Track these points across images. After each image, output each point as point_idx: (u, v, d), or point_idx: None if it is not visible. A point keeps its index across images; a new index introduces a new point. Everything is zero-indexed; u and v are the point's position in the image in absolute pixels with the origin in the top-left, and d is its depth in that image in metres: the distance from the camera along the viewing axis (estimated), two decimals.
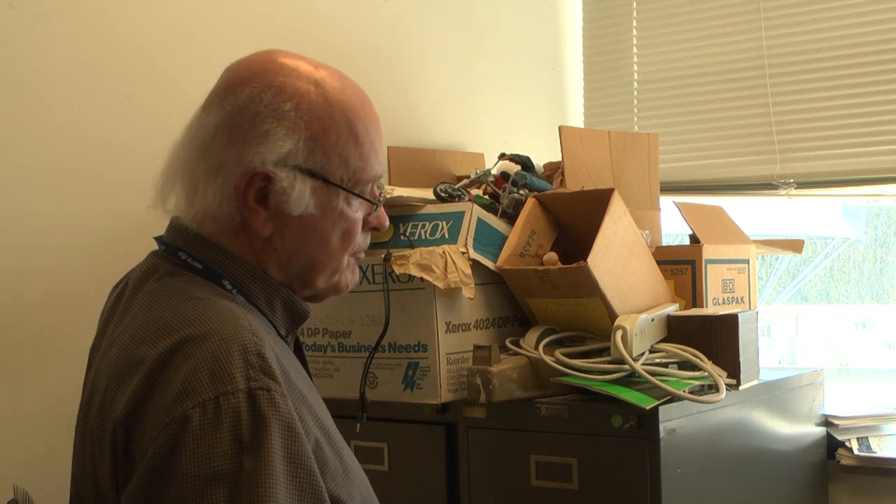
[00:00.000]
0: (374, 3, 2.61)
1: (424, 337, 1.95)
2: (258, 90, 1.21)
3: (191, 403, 1.04)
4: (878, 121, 2.68)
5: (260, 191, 1.20)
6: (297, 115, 1.21)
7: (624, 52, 3.11)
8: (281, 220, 1.22)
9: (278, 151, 1.19)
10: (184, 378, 1.06)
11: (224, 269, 1.22)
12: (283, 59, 1.26)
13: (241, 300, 1.22)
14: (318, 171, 1.22)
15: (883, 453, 2.34)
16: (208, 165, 1.20)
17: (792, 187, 2.79)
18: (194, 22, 2.15)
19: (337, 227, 1.25)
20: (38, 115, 1.90)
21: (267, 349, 1.10)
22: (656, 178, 2.48)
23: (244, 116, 1.20)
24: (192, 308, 1.14)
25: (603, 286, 1.89)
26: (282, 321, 1.27)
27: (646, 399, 1.73)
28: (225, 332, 1.09)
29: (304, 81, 1.23)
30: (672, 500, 1.75)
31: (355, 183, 1.25)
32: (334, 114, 1.24)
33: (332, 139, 1.23)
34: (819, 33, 2.76)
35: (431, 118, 2.75)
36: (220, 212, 1.20)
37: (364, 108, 1.28)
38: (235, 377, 1.05)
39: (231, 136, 1.20)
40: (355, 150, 1.25)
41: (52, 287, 1.90)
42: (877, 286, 4.32)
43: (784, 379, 2.23)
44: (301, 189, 1.20)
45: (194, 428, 1.03)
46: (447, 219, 2.04)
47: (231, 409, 1.04)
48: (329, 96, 1.24)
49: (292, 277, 1.27)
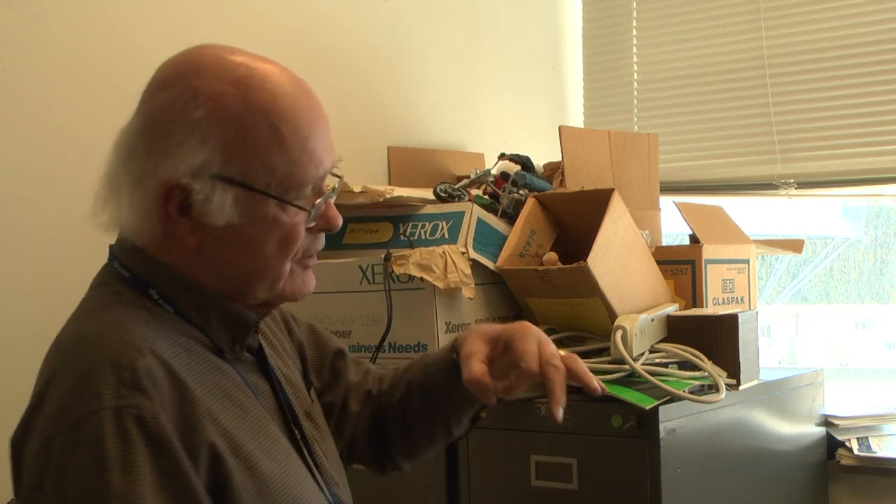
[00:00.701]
0: (374, 3, 2.61)
1: (424, 337, 1.94)
2: (172, 96, 1.14)
3: (59, 427, 1.03)
4: (878, 121, 2.67)
5: (182, 202, 1.13)
6: (209, 122, 1.12)
7: (624, 52, 3.11)
8: (206, 230, 1.14)
9: (191, 162, 1.12)
10: (57, 400, 1.05)
11: (151, 279, 1.17)
12: (206, 57, 1.17)
13: (169, 310, 1.16)
14: (239, 179, 1.13)
15: (883, 453, 2.34)
16: (131, 175, 1.15)
17: (792, 187, 2.79)
18: (194, 22, 2.15)
19: (271, 235, 1.16)
20: (38, 115, 1.90)
21: (145, 362, 1.05)
22: (656, 178, 2.48)
23: (158, 125, 1.14)
24: (85, 325, 1.12)
25: (603, 286, 1.89)
26: (220, 332, 1.19)
27: (646, 399, 1.73)
28: (103, 348, 1.06)
29: (222, 82, 1.14)
30: (672, 500, 1.75)
31: (286, 189, 1.15)
32: (254, 117, 1.13)
33: (251, 145, 1.13)
34: (819, 33, 2.76)
35: (431, 118, 2.75)
36: (144, 223, 1.15)
37: (295, 107, 1.16)
38: (103, 395, 1.02)
39: (149, 145, 1.14)
40: (281, 155, 1.14)
41: (53, 287, 1.90)
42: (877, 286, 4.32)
43: (784, 379, 2.23)
44: (221, 199, 1.13)
45: (59, 451, 1.01)
46: (447, 219, 2.04)
47: (95, 429, 1.01)
48: (248, 97, 1.14)
49: (230, 287, 1.19)
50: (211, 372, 1.15)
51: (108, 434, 1.01)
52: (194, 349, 1.15)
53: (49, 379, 1.09)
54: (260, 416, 1.18)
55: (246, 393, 1.19)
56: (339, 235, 2.16)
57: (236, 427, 1.12)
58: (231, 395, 1.15)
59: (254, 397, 1.20)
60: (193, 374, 1.11)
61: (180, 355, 1.12)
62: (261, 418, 1.18)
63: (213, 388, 1.13)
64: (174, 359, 1.10)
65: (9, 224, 1.86)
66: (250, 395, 1.19)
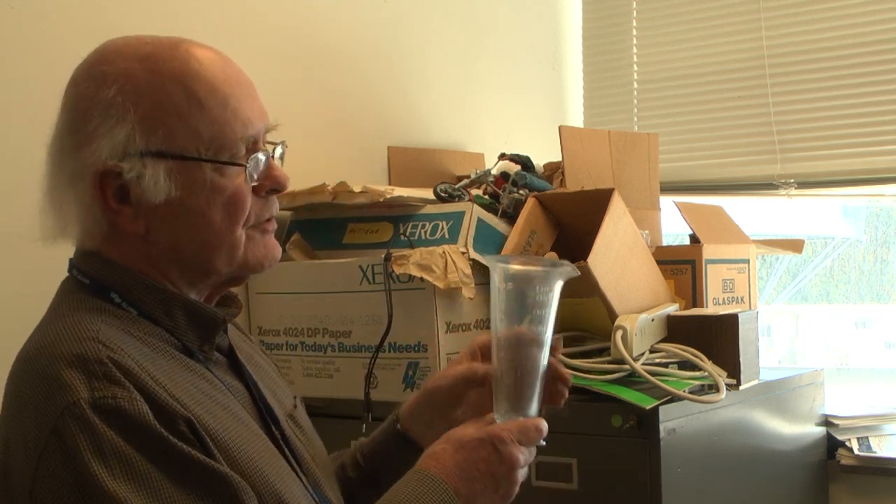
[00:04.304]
0: (374, 3, 2.61)
1: (424, 337, 1.95)
2: (83, 87, 1.14)
3: (43, 441, 1.01)
4: (878, 121, 2.68)
5: (118, 189, 1.12)
6: (123, 98, 1.11)
7: (624, 52, 3.11)
8: (149, 212, 1.12)
9: (113, 143, 1.10)
10: (32, 415, 1.03)
11: (110, 282, 1.14)
12: (111, 44, 1.17)
13: (132, 313, 1.14)
14: (165, 149, 1.11)
15: (883, 453, 2.34)
16: (65, 176, 1.14)
17: (792, 187, 2.79)
18: (194, 22, 2.15)
19: (213, 201, 1.13)
20: (38, 116, 1.90)
21: (111, 354, 1.04)
22: (656, 178, 2.48)
23: (76, 118, 1.13)
24: (43, 334, 1.11)
25: (603, 286, 1.89)
26: (188, 332, 1.17)
27: (646, 399, 1.73)
28: (64, 349, 1.05)
29: (128, 61, 1.13)
30: (672, 500, 1.75)
31: (217, 150, 1.13)
32: (164, 84, 1.12)
33: (169, 111, 1.11)
34: (819, 33, 2.76)
35: (431, 118, 2.75)
36: (88, 220, 1.13)
37: (210, 69, 1.14)
38: (75, 389, 1.01)
39: (73, 141, 1.13)
40: (203, 117, 1.12)
41: (54, 288, 1.90)
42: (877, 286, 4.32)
43: (784, 379, 2.23)
44: (153, 174, 1.10)
45: (51, 456, 1.00)
46: (447, 219, 2.04)
47: (80, 423, 0.99)
48: (157, 67, 1.12)
49: (190, 269, 1.17)
50: (181, 370, 1.13)
51: (91, 427, 0.99)
52: (163, 349, 1.13)
53: (17, 398, 1.07)
54: (237, 410, 1.16)
55: (221, 390, 1.17)
56: (338, 235, 2.16)
57: (212, 419, 1.10)
58: (204, 390, 1.13)
59: (230, 394, 1.18)
60: (163, 370, 1.09)
61: (147, 354, 1.10)
62: (238, 413, 1.16)
63: (185, 384, 1.10)
64: (141, 357, 1.08)
65: (10, 224, 1.86)
66: (226, 392, 1.17)
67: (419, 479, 1.14)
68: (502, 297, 1.20)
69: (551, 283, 1.19)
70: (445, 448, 1.16)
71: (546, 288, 1.19)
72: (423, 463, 1.16)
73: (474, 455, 1.14)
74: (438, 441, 1.18)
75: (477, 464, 1.14)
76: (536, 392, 1.20)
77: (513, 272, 1.19)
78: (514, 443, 1.15)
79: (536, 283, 1.18)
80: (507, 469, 1.15)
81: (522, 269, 1.20)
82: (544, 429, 1.18)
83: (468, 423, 1.19)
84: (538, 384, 1.20)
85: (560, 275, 1.20)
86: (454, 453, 1.15)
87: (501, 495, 1.16)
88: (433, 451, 1.17)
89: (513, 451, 1.15)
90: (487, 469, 1.14)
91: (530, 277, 1.19)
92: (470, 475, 1.14)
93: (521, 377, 1.19)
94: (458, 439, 1.16)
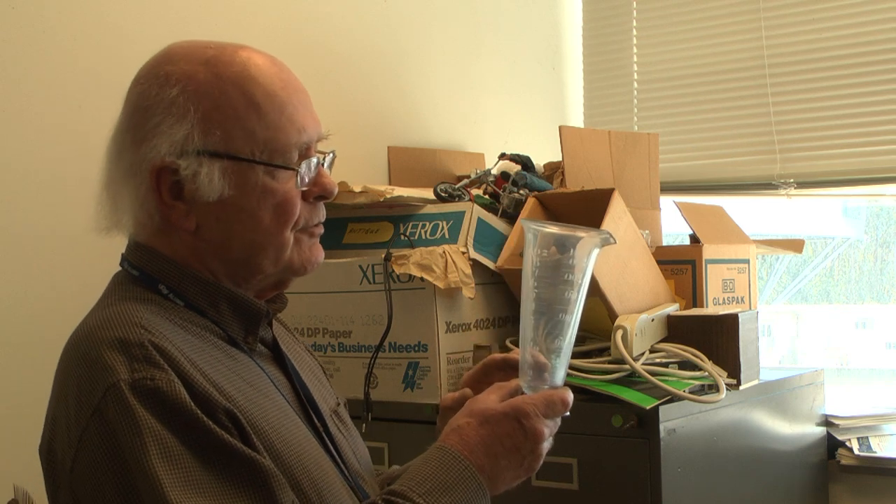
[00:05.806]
0: (374, 3, 2.61)
1: (424, 337, 1.95)
2: (146, 86, 1.18)
3: (85, 420, 1.05)
4: (878, 121, 2.68)
5: (173, 185, 1.15)
6: (184, 99, 1.15)
7: (624, 52, 3.11)
8: (202, 209, 1.16)
9: (172, 140, 1.14)
10: (75, 395, 1.08)
11: (159, 274, 1.18)
12: (176, 47, 1.21)
13: (179, 304, 1.18)
14: (222, 150, 1.15)
15: (883, 453, 2.34)
16: (123, 171, 1.18)
17: (792, 187, 2.79)
18: (194, 22, 2.15)
19: (264, 203, 1.17)
20: (38, 116, 1.90)
21: (153, 338, 1.08)
22: (656, 177, 2.48)
23: (139, 115, 1.17)
24: (91, 321, 1.14)
25: (603, 286, 1.89)
26: (232, 323, 1.21)
27: (646, 399, 1.74)
28: (108, 333, 1.09)
29: (191, 63, 1.17)
30: (672, 500, 1.75)
31: (271, 154, 1.17)
32: (225, 87, 1.16)
33: (227, 113, 1.16)
34: (819, 33, 2.76)
35: (431, 118, 2.75)
36: (142, 215, 1.17)
37: (268, 75, 1.19)
38: (116, 370, 1.05)
39: (133, 137, 1.17)
40: (260, 120, 1.17)
41: (54, 288, 1.90)
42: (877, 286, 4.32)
43: (784, 379, 2.23)
44: (209, 172, 1.15)
45: (91, 435, 1.04)
46: (447, 219, 2.04)
47: (120, 404, 1.04)
48: (219, 70, 1.17)
49: (237, 267, 1.20)
50: (225, 358, 1.17)
51: (131, 407, 1.03)
52: (207, 338, 1.17)
53: (63, 380, 1.12)
54: (278, 399, 1.19)
55: (263, 379, 1.20)
56: (339, 235, 2.16)
57: (253, 406, 1.13)
58: (246, 378, 1.17)
59: (272, 384, 1.21)
60: (205, 359, 1.13)
61: (191, 342, 1.13)
62: (279, 402, 1.19)
63: (226, 372, 1.14)
64: (184, 344, 1.12)
65: (9, 225, 1.86)
66: (268, 382, 1.20)
67: (442, 456, 1.14)
68: (536, 262, 1.17)
69: (587, 248, 1.17)
70: (470, 422, 1.16)
71: (581, 253, 1.16)
72: (447, 438, 1.16)
73: (499, 430, 1.15)
74: (461, 413, 1.18)
75: (501, 439, 1.15)
76: (563, 361, 1.19)
77: (549, 235, 1.17)
78: (538, 416, 1.15)
79: (570, 247, 1.16)
80: (532, 443, 1.15)
81: (559, 232, 1.17)
82: (570, 400, 1.18)
83: (491, 390, 1.20)
84: (565, 352, 1.19)
85: (597, 242, 1.18)
86: (478, 427, 1.15)
87: (526, 468, 1.17)
88: (458, 424, 1.17)
89: (537, 426, 1.15)
90: (512, 444, 1.15)
91: (566, 241, 1.16)
92: (494, 451, 1.14)
93: (548, 344, 1.18)
94: (481, 412, 1.16)
